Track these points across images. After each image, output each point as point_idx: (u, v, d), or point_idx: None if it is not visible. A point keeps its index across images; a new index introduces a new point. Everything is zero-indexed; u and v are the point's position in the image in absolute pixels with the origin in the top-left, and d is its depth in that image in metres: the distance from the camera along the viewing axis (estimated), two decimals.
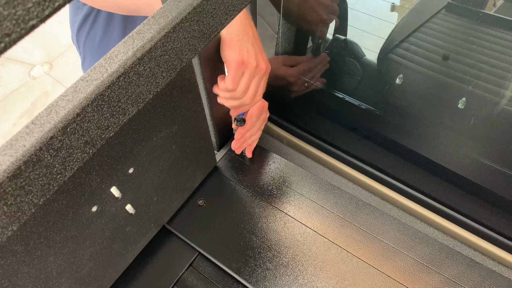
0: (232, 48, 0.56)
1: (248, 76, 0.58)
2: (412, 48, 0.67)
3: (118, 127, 0.38)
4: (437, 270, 0.62)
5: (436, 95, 0.68)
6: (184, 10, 0.38)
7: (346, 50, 0.75)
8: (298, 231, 0.66)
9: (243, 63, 0.57)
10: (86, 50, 0.88)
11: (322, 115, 0.84)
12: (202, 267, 0.66)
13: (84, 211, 0.48)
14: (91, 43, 0.85)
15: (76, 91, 0.34)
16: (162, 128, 0.55)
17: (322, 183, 0.71)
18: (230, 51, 0.56)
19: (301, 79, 0.79)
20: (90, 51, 0.87)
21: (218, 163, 0.75)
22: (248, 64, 0.57)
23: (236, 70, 0.57)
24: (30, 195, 0.33)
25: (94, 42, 0.85)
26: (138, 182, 0.56)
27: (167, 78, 0.41)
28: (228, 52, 0.56)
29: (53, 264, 0.47)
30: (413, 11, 0.71)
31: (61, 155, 0.34)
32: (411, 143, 0.73)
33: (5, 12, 0.18)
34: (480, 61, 0.62)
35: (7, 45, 0.19)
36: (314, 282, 0.61)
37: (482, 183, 0.67)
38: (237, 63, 0.56)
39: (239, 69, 0.57)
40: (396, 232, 0.65)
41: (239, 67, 0.57)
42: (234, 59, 0.56)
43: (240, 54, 0.56)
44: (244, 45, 0.56)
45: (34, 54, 2.31)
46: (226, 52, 0.56)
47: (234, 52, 0.56)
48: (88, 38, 0.85)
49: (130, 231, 0.59)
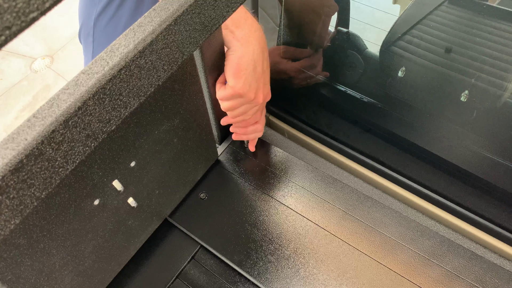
0: (237, 78, 0.57)
1: (244, 107, 0.61)
2: (414, 41, 0.67)
3: (119, 120, 0.38)
4: (439, 263, 0.62)
5: (438, 88, 0.67)
6: (185, 3, 0.38)
7: (348, 42, 0.75)
8: (299, 224, 0.66)
9: (240, 95, 0.59)
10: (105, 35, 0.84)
11: (323, 108, 0.83)
12: (204, 260, 0.66)
13: (86, 205, 0.48)
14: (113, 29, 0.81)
15: (78, 84, 0.34)
16: (163, 121, 0.54)
17: (323, 176, 0.71)
18: (234, 79, 0.57)
19: (302, 71, 0.78)
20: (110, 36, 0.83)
21: (219, 156, 0.75)
22: (245, 97, 0.59)
23: (231, 96, 0.59)
24: (32, 188, 0.33)
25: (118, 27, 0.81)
26: (140, 176, 0.56)
27: (169, 71, 0.41)
28: (232, 79, 0.57)
29: (55, 257, 0.48)
30: (416, 3, 0.71)
31: (63, 148, 0.34)
32: (413, 136, 0.73)
33: (5, 4, 0.18)
34: (483, 54, 0.62)
35: (7, 38, 0.19)
36: (316, 275, 0.62)
37: (484, 176, 0.67)
38: (235, 92, 0.58)
39: (233, 96, 0.59)
40: (397, 225, 0.65)
41: (234, 96, 0.59)
42: (234, 88, 0.58)
43: (242, 87, 0.58)
44: (249, 80, 0.57)
45: (35, 48, 2.30)
46: (230, 77, 0.58)
47: (237, 82, 0.57)
48: (111, 22, 0.81)
49: (132, 224, 0.59)
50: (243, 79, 0.57)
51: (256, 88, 0.59)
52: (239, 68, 0.56)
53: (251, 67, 0.57)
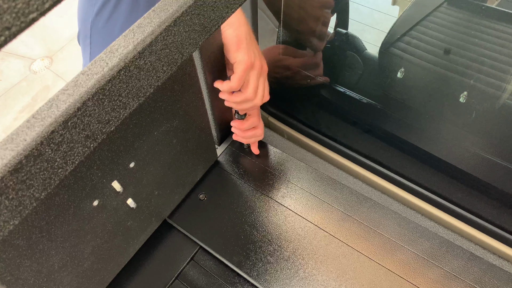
0: (242, 50, 0.58)
1: (255, 77, 0.61)
2: (413, 42, 0.67)
3: (119, 121, 0.38)
4: (438, 264, 0.62)
5: (437, 89, 0.67)
6: (184, 4, 0.38)
7: (347, 44, 0.75)
8: (298, 225, 0.66)
9: (252, 65, 0.59)
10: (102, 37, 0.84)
11: (322, 109, 0.83)
12: (203, 261, 0.66)
13: (86, 205, 0.48)
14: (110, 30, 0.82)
15: (77, 85, 0.34)
16: (163, 122, 0.54)
17: (322, 177, 0.71)
18: (240, 52, 0.58)
19: (301, 72, 0.78)
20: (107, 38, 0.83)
21: (219, 157, 0.75)
22: (255, 66, 0.60)
23: (245, 71, 0.59)
24: (31, 189, 0.33)
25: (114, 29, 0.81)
26: (139, 176, 0.56)
27: (168, 72, 0.41)
28: (238, 54, 0.58)
29: (54, 258, 0.48)
30: (415, 4, 0.71)
31: (62, 149, 0.34)
32: (412, 137, 0.73)
33: (5, 5, 0.18)
34: (482, 55, 0.62)
35: (7, 38, 0.19)
36: (315, 276, 0.62)
37: (483, 177, 0.67)
38: (247, 64, 0.58)
39: (247, 70, 0.59)
40: (396, 226, 0.65)
41: (248, 69, 0.59)
42: (243, 60, 0.58)
43: (249, 56, 0.58)
44: (251, 48, 0.59)
45: (34, 48, 2.30)
46: (235, 53, 0.58)
47: (244, 54, 0.58)
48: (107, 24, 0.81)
49: (131, 225, 0.59)
50: (246, 48, 0.58)
51: (259, 56, 0.61)
52: (239, 40, 0.58)
53: (249, 36, 0.59)
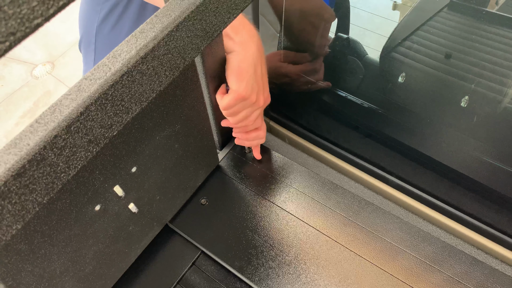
0: (240, 81, 0.58)
1: (245, 109, 0.62)
2: (414, 47, 0.67)
3: (121, 126, 0.38)
4: (440, 268, 0.62)
5: (438, 93, 0.68)
6: (187, 9, 0.38)
7: (348, 48, 0.75)
8: (300, 229, 0.66)
9: (244, 98, 0.59)
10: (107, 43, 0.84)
11: (324, 114, 0.84)
12: (204, 265, 0.66)
13: (87, 210, 0.48)
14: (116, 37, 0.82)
15: (80, 90, 0.34)
16: (165, 127, 0.55)
17: (324, 182, 0.71)
18: (237, 82, 0.58)
19: (302, 77, 0.79)
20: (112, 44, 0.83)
21: (220, 162, 0.75)
22: (248, 99, 0.60)
23: (235, 100, 0.60)
24: (34, 193, 0.33)
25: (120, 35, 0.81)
26: (141, 181, 0.56)
27: (170, 77, 0.41)
28: (235, 83, 0.58)
29: (56, 262, 0.48)
30: (415, 9, 0.71)
31: (65, 153, 0.34)
32: (414, 141, 0.73)
33: (10, 11, 0.18)
34: (483, 60, 0.62)
35: (12, 44, 0.19)
36: (317, 281, 0.62)
37: (485, 181, 0.67)
38: (239, 96, 0.59)
39: (237, 100, 0.60)
40: (398, 231, 0.65)
41: (238, 99, 0.59)
42: (237, 91, 0.59)
43: (245, 89, 0.59)
44: (251, 82, 0.59)
45: (36, 54, 2.31)
46: (233, 81, 0.59)
47: (240, 84, 0.58)
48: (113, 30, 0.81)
49: (133, 230, 0.59)
50: (246, 81, 0.58)
51: (257, 91, 0.60)
52: (241, 71, 0.58)
53: (252, 69, 0.58)
